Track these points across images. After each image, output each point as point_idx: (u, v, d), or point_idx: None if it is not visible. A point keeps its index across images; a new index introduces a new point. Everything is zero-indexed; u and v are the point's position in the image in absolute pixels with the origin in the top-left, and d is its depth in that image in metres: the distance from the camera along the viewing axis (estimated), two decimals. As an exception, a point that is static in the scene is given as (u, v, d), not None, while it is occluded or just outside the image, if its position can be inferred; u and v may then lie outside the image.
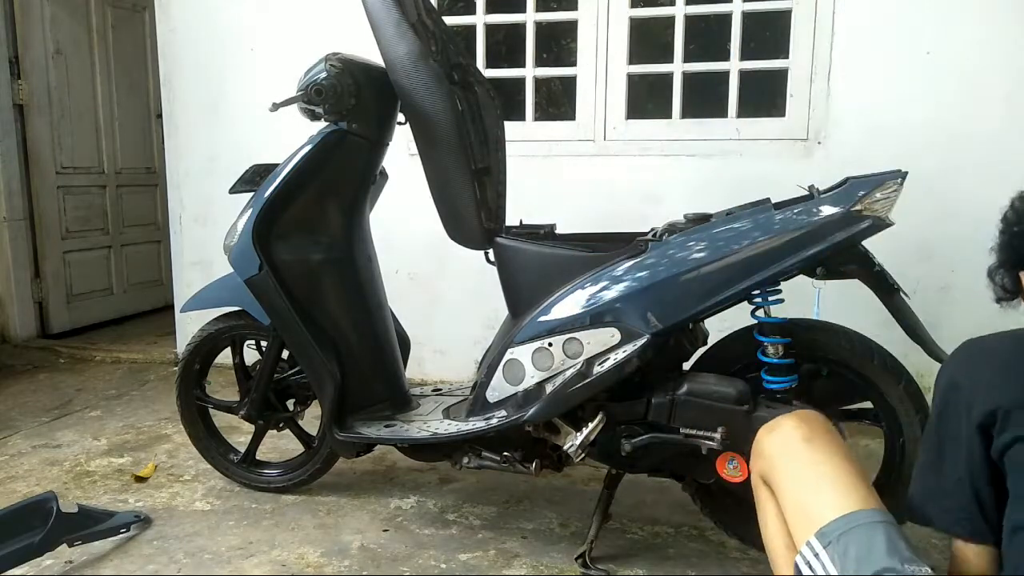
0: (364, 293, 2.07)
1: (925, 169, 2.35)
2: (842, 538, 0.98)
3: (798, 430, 1.17)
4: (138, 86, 4.53)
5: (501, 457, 1.85)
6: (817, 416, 1.22)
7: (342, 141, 1.92)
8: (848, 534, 0.98)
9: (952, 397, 1.04)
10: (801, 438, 1.15)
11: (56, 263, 4.08)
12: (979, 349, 1.06)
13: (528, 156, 3.01)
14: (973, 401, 1.00)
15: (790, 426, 1.19)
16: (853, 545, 0.96)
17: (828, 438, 1.16)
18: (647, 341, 1.64)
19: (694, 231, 1.66)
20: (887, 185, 1.54)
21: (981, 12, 2.59)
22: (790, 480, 1.14)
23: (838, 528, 0.99)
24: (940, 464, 1.05)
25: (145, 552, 1.91)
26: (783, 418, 1.22)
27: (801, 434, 1.16)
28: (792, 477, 1.14)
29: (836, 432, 1.19)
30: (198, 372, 2.25)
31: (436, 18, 2.01)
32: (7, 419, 2.90)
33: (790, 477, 1.14)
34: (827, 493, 1.06)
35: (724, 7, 2.87)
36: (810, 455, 1.13)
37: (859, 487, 1.06)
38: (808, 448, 1.14)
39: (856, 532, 0.98)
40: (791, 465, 1.15)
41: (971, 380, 1.02)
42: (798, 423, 1.19)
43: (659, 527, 2.02)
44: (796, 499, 1.11)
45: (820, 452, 1.12)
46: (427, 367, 3.23)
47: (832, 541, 0.98)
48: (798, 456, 1.15)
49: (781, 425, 1.21)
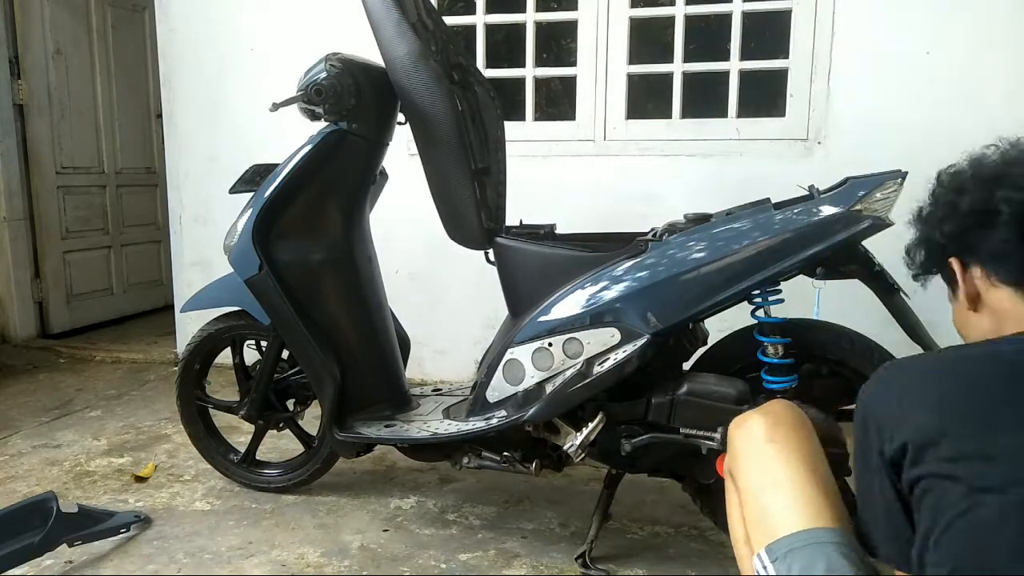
0: (364, 293, 2.07)
1: (925, 169, 2.33)
2: (787, 556, 0.98)
3: (761, 428, 1.14)
4: (138, 86, 4.53)
5: (501, 457, 1.85)
6: (786, 412, 1.18)
7: (342, 141, 1.92)
8: (793, 553, 0.97)
9: (868, 425, 1.00)
10: (764, 438, 1.13)
11: (56, 263, 4.08)
12: (896, 375, 1.02)
13: (528, 156, 3.01)
14: (883, 433, 0.96)
15: (754, 423, 1.16)
16: (796, 564, 0.96)
17: (792, 438, 1.12)
18: (647, 341, 1.64)
19: (694, 231, 1.66)
20: (887, 185, 1.54)
21: (980, 12, 2.59)
22: (749, 481, 1.12)
23: (785, 546, 0.99)
24: (870, 494, 1.02)
25: (145, 552, 1.91)
26: (751, 413, 1.19)
27: (764, 433, 1.13)
28: (751, 478, 1.12)
29: (806, 429, 1.15)
30: (198, 372, 2.25)
31: (436, 18, 2.01)
32: (7, 419, 2.90)
33: (749, 478, 1.13)
34: (781, 505, 1.04)
35: (724, 7, 2.87)
36: (771, 457, 1.10)
37: (814, 501, 1.03)
38: (770, 449, 1.11)
39: (800, 552, 0.97)
40: (751, 466, 1.13)
41: (883, 410, 0.98)
42: (763, 420, 1.15)
43: (659, 527, 2.02)
44: (753, 502, 1.10)
45: (781, 454, 1.10)
46: (427, 367, 3.23)
47: (779, 558, 0.98)
48: (759, 457, 1.12)
49: (747, 421, 1.18)
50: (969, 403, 0.91)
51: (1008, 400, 0.89)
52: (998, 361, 0.94)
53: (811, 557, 0.96)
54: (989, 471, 0.85)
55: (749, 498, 1.11)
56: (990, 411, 0.89)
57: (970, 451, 0.87)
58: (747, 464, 1.14)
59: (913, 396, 0.96)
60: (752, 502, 1.10)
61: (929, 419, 0.92)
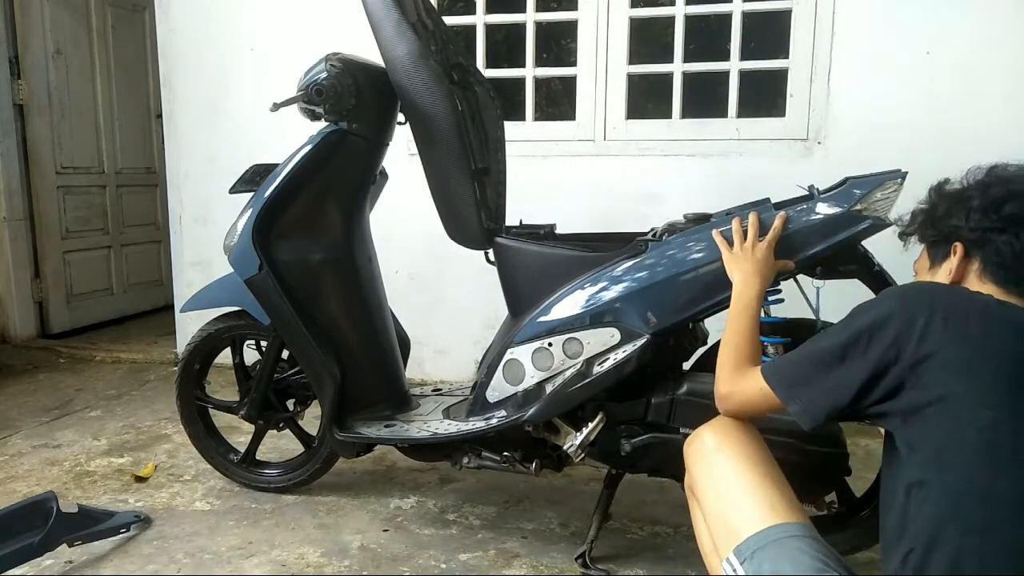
0: (364, 293, 2.07)
1: (925, 169, 2.33)
2: (756, 555, 1.02)
3: (711, 440, 1.21)
4: (138, 86, 4.53)
5: (501, 457, 1.85)
6: (729, 423, 1.24)
7: (342, 141, 1.92)
8: (761, 551, 1.02)
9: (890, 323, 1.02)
10: (713, 448, 1.19)
11: (56, 263, 4.08)
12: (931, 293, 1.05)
13: (528, 156, 3.01)
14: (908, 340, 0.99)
15: (704, 436, 1.23)
16: (766, 562, 1.01)
17: (738, 445, 1.18)
18: (647, 341, 1.64)
19: (694, 231, 1.66)
20: (887, 185, 1.54)
21: (980, 12, 2.59)
22: (706, 491, 1.18)
23: (752, 545, 1.03)
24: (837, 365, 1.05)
25: (145, 552, 1.91)
26: (700, 429, 1.25)
27: (713, 444, 1.20)
28: (707, 488, 1.18)
29: (751, 436, 1.21)
30: (198, 372, 2.25)
31: (436, 18, 2.01)
32: (7, 419, 2.90)
33: (705, 488, 1.19)
34: (739, 508, 1.10)
35: (724, 7, 2.87)
36: (721, 465, 1.17)
37: (770, 499, 1.08)
38: (720, 458, 1.18)
39: (768, 549, 1.02)
40: (706, 476, 1.20)
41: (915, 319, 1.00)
42: (711, 432, 1.22)
43: (659, 527, 2.02)
44: (713, 510, 1.15)
45: (731, 461, 1.16)
46: (427, 367, 3.23)
47: (747, 558, 1.03)
48: (710, 467, 1.19)
49: (698, 437, 1.24)
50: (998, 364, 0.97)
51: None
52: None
53: (777, 552, 1.01)
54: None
55: (708, 508, 1.17)
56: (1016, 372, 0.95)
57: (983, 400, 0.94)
58: (701, 476, 1.21)
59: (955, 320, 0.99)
60: (711, 511, 1.16)
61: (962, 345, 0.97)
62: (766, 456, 1.18)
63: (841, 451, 1.59)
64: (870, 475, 1.78)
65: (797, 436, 1.57)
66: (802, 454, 1.56)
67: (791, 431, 1.57)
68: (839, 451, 1.58)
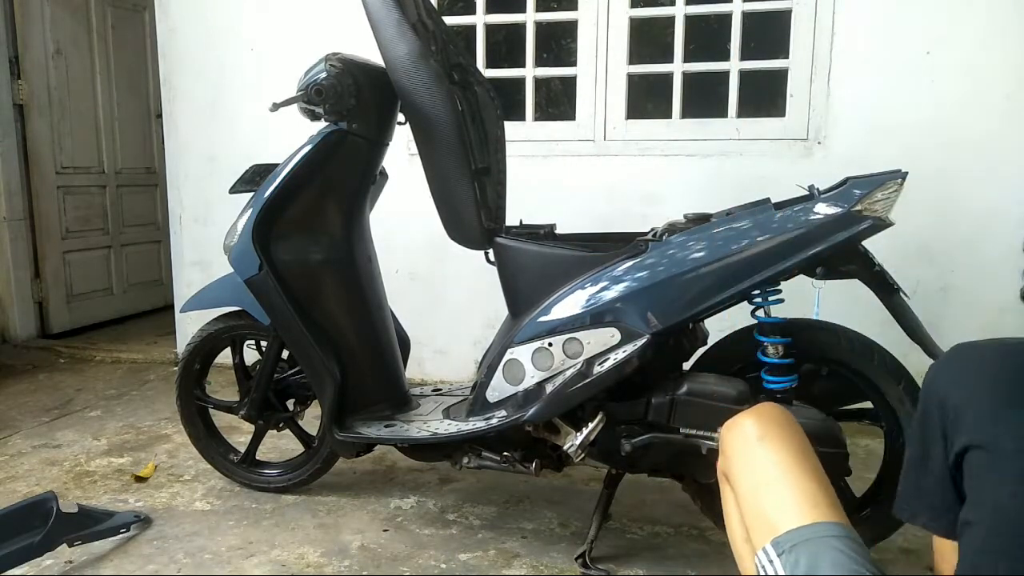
0: (364, 293, 2.07)
1: (925, 169, 2.35)
2: (794, 549, 1.01)
3: (753, 428, 1.18)
4: (138, 86, 4.53)
5: (501, 457, 1.85)
6: (774, 412, 1.22)
7: (342, 141, 1.92)
8: (799, 546, 1.01)
9: (934, 398, 1.03)
10: (756, 437, 1.17)
11: (56, 263, 4.08)
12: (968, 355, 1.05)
13: (528, 156, 3.01)
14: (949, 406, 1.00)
15: (746, 424, 1.20)
16: (803, 557, 1.00)
17: (783, 436, 1.16)
18: (647, 341, 1.64)
19: (694, 231, 1.66)
20: (887, 185, 1.54)
21: (981, 12, 2.59)
22: (744, 480, 1.17)
23: (791, 540, 1.02)
24: (925, 462, 1.05)
25: (145, 552, 1.91)
26: (741, 416, 1.23)
27: (756, 433, 1.17)
28: (746, 477, 1.17)
29: (795, 428, 1.19)
30: (198, 372, 2.25)
31: (436, 18, 2.01)
32: (7, 419, 2.90)
33: (744, 477, 1.17)
34: (780, 501, 1.09)
35: (724, 7, 2.87)
36: (764, 455, 1.15)
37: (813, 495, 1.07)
38: (761, 448, 1.15)
39: (807, 545, 1.01)
40: (745, 465, 1.17)
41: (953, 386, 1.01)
42: (754, 421, 1.20)
43: (659, 527, 2.02)
44: (751, 500, 1.14)
45: (774, 452, 1.14)
46: (427, 367, 3.23)
47: (785, 551, 1.02)
48: (752, 456, 1.17)
49: (738, 423, 1.22)
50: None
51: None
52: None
53: (816, 550, 0.99)
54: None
55: (746, 497, 1.15)
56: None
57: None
58: (741, 464, 1.18)
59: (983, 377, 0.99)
60: (749, 500, 1.14)
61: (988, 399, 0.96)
62: (809, 450, 1.17)
63: (841, 451, 1.59)
64: (870, 475, 1.79)
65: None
66: (802, 454, 1.56)
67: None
68: (839, 451, 1.58)
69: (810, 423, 1.58)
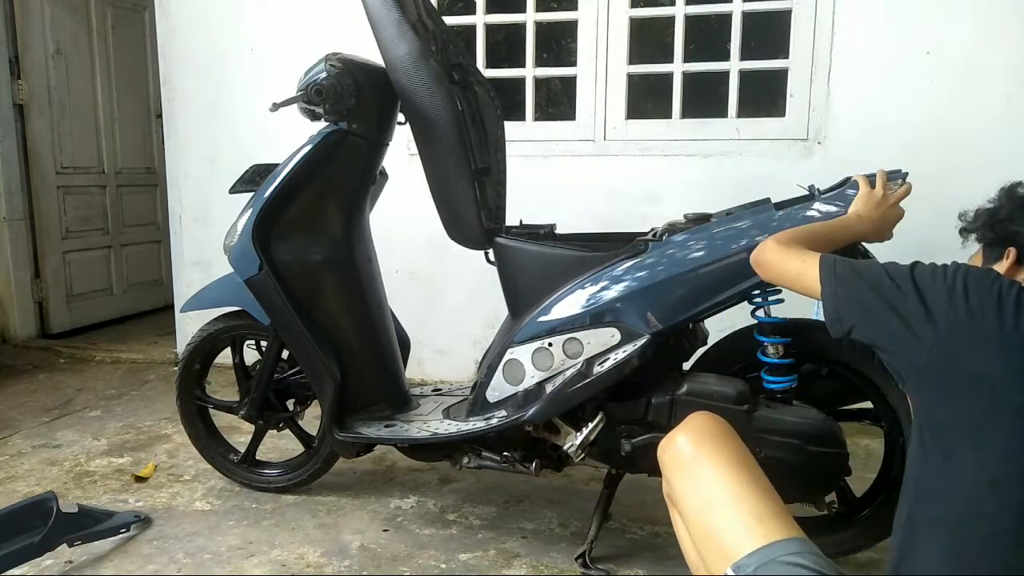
0: (364, 293, 2.07)
1: (925, 169, 2.34)
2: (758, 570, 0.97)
3: (687, 445, 1.15)
4: (138, 86, 4.53)
5: (501, 457, 1.85)
6: (705, 423, 1.18)
7: (342, 141, 1.92)
8: (763, 568, 0.97)
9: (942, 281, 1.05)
10: (690, 455, 1.13)
11: (56, 263, 4.08)
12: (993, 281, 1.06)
13: (528, 156, 3.01)
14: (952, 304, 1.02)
15: (678, 441, 1.17)
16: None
17: (717, 448, 1.12)
18: (647, 341, 1.64)
19: (694, 231, 1.66)
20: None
21: (980, 11, 2.59)
22: (688, 503, 1.12)
23: (752, 562, 0.98)
24: (886, 287, 1.08)
25: (145, 552, 1.91)
26: (673, 433, 1.19)
27: (690, 450, 1.14)
28: (689, 499, 1.12)
29: (728, 436, 1.15)
30: (198, 372, 2.25)
31: (436, 18, 2.01)
32: (7, 419, 2.90)
33: (687, 500, 1.12)
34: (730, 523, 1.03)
35: (724, 7, 2.87)
36: (701, 474, 1.11)
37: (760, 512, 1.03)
38: (698, 465, 1.12)
39: (770, 567, 0.96)
40: (686, 487, 1.13)
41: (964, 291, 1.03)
42: (686, 437, 1.16)
43: (659, 527, 2.02)
44: (699, 524, 1.09)
45: (710, 468, 1.10)
46: (427, 367, 3.23)
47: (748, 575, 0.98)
48: (690, 476, 1.13)
49: (671, 442, 1.18)
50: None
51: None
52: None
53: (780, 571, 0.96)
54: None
55: (693, 521, 1.10)
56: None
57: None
58: (681, 486, 1.14)
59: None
60: (696, 522, 1.09)
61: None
62: (747, 459, 1.12)
63: (841, 451, 1.59)
64: (870, 475, 1.79)
65: (798, 436, 1.57)
66: (803, 454, 1.56)
67: (792, 432, 1.58)
68: (839, 451, 1.58)
69: (810, 423, 1.59)
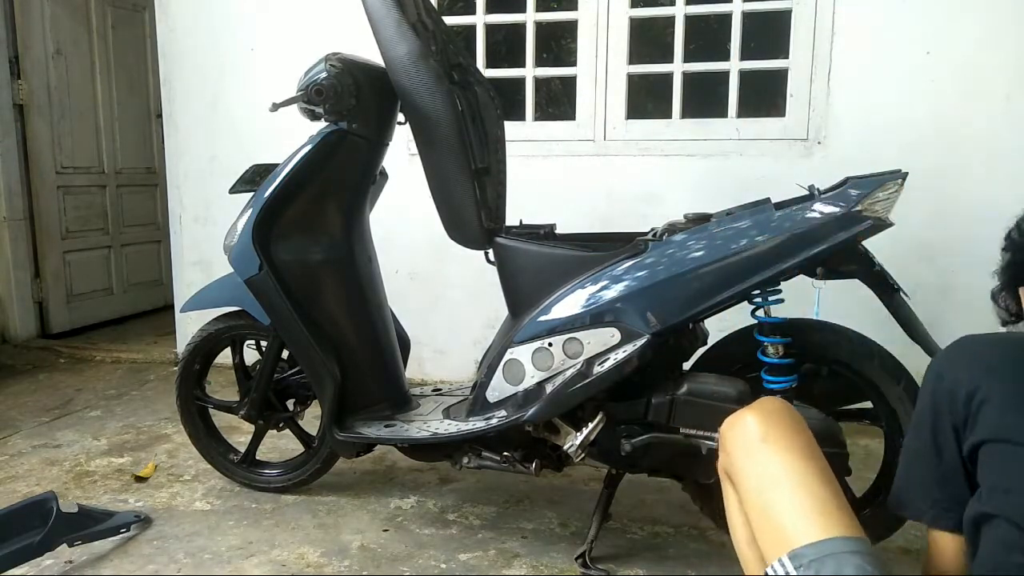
0: (364, 293, 2.07)
1: (925, 169, 2.35)
2: (813, 564, 0.97)
3: (756, 427, 1.13)
4: (138, 86, 4.53)
5: (501, 457, 1.85)
6: (777, 408, 1.17)
7: (342, 141, 1.92)
8: (820, 561, 0.97)
9: (943, 390, 1.02)
10: (759, 436, 1.11)
11: (56, 263, 4.08)
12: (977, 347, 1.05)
13: (528, 156, 3.01)
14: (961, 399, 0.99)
15: (748, 421, 1.14)
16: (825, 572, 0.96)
17: (788, 435, 1.11)
18: (647, 341, 1.64)
19: (694, 231, 1.66)
20: (887, 185, 1.54)
21: (981, 12, 2.59)
22: (749, 482, 1.11)
23: (811, 553, 0.98)
24: (934, 455, 1.03)
25: (145, 552, 1.91)
26: (743, 412, 1.17)
27: (759, 432, 1.12)
28: (751, 479, 1.11)
29: (799, 425, 1.14)
30: (198, 372, 2.24)
31: (436, 18, 2.01)
32: (7, 419, 2.90)
33: (749, 478, 1.11)
34: (794, 510, 1.03)
35: (724, 7, 2.87)
36: (768, 456, 1.09)
37: (829, 506, 1.03)
38: (765, 448, 1.10)
39: (828, 560, 0.96)
40: (749, 465, 1.12)
41: (966, 378, 1.00)
42: (756, 418, 1.14)
43: (659, 527, 2.02)
44: (758, 504, 1.08)
45: (779, 454, 1.09)
46: (427, 367, 3.23)
47: (803, 564, 0.98)
48: (756, 456, 1.11)
49: (740, 420, 1.16)
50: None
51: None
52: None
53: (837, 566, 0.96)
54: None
55: (752, 500, 1.10)
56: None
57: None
58: (744, 464, 1.13)
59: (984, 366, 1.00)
60: (756, 504, 1.09)
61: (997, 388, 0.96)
62: (816, 450, 1.11)
63: (841, 451, 1.59)
64: (870, 475, 1.79)
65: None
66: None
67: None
68: (839, 451, 1.58)
69: (810, 423, 1.58)
